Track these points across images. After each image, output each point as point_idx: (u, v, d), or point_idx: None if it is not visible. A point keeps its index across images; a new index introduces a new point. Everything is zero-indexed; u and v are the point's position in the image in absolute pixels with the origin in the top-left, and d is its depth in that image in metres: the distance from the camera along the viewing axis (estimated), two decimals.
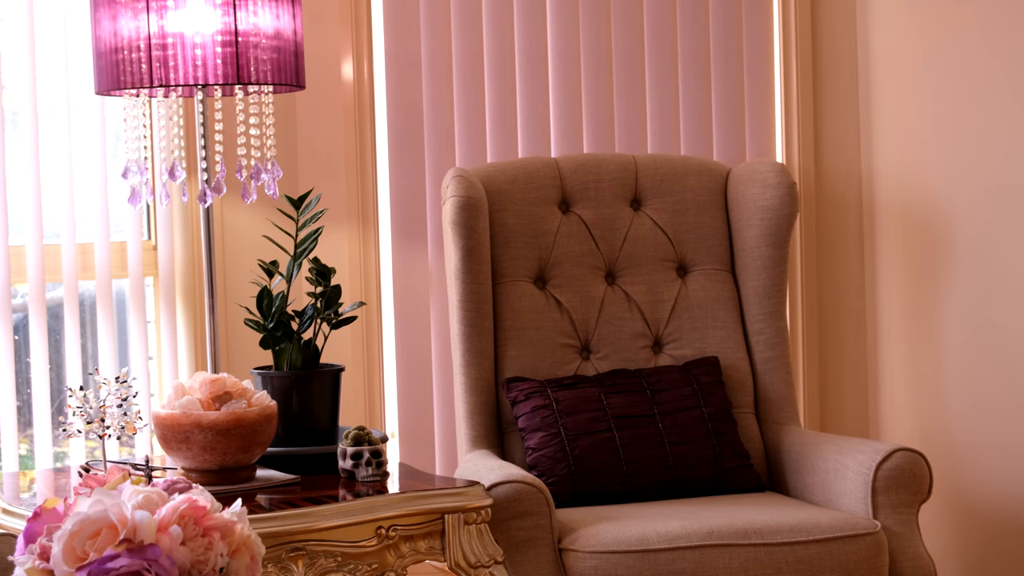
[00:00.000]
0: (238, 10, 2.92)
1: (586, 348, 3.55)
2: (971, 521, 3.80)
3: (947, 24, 3.80)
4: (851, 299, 4.09)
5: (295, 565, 2.58)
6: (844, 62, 4.07)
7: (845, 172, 4.08)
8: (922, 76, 3.89)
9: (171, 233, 3.46)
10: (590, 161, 3.63)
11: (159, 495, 1.71)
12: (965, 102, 3.76)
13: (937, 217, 3.85)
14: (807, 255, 4.08)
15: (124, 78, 2.92)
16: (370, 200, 3.65)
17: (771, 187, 3.56)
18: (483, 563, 2.73)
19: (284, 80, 3.00)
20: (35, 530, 1.70)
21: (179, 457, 2.74)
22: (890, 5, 3.97)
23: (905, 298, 3.97)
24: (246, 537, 1.75)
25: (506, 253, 3.51)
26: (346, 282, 3.58)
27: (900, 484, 3.13)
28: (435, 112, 3.71)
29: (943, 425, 3.87)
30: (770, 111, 4.07)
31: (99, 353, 3.38)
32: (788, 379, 3.59)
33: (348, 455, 2.86)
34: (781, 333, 3.60)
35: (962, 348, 3.81)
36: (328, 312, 3.04)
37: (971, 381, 3.80)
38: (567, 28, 3.83)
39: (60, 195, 3.30)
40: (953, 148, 3.80)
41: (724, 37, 3.99)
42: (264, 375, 3.03)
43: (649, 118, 3.92)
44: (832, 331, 4.11)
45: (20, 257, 3.29)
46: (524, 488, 2.94)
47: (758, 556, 2.98)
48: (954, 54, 3.79)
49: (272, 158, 3.08)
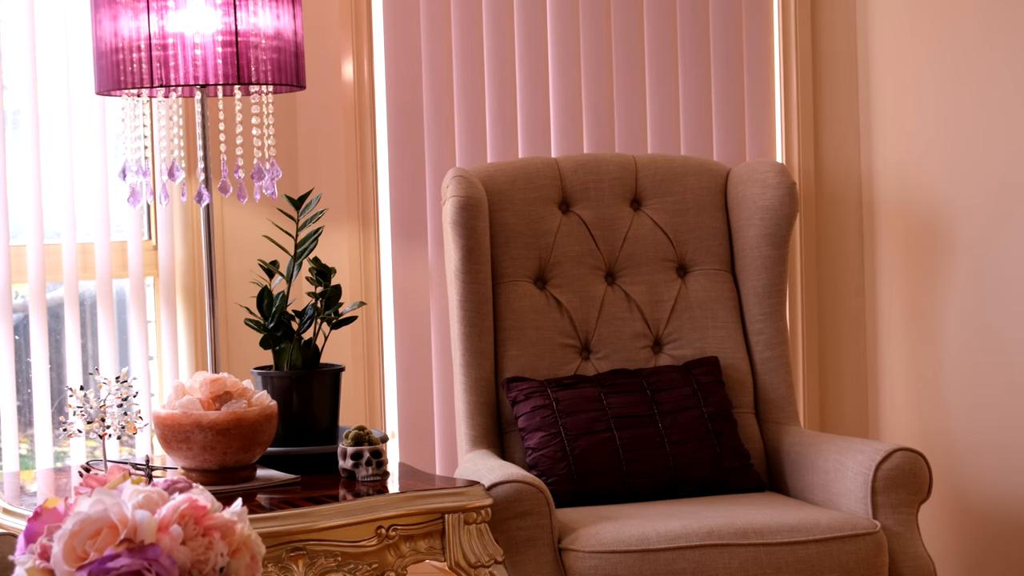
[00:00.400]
0: (238, 10, 2.92)
1: (586, 348, 3.55)
2: (971, 521, 3.80)
3: (947, 24, 3.80)
4: (851, 299, 4.09)
5: (295, 565, 2.58)
6: (844, 62, 4.08)
7: (845, 172, 4.08)
8: (922, 76, 3.89)
9: (171, 233, 3.46)
10: (590, 161, 3.63)
11: (159, 495, 1.71)
12: (965, 102, 3.76)
13: (937, 217, 3.85)
14: (807, 255, 4.08)
15: (124, 78, 2.93)
16: (370, 200, 3.65)
17: (771, 187, 3.56)
18: (483, 563, 2.73)
19: (284, 80, 3.00)
20: (35, 530, 1.70)
21: (179, 457, 2.75)
22: (890, 5, 3.97)
23: (905, 298, 3.97)
24: (246, 537, 1.75)
25: (506, 253, 3.51)
26: (346, 282, 3.58)
27: (900, 484, 3.13)
28: (435, 112, 3.71)
29: (943, 425, 3.87)
30: (770, 111, 4.07)
31: (99, 353, 3.38)
32: (788, 379, 3.59)
33: (348, 455, 2.86)
34: (781, 333, 3.60)
35: (962, 348, 3.81)
36: (328, 312, 3.04)
37: (971, 381, 3.80)
38: (567, 28, 3.83)
39: (60, 195, 3.31)
40: (953, 148, 3.80)
41: (724, 37, 4.00)
42: (264, 375, 3.03)
43: (649, 118, 3.92)
44: (832, 331, 4.11)
45: (20, 257, 3.29)
46: (524, 488, 2.94)
47: (758, 556, 2.98)
48: (954, 54, 3.79)
49: (272, 158, 3.08)
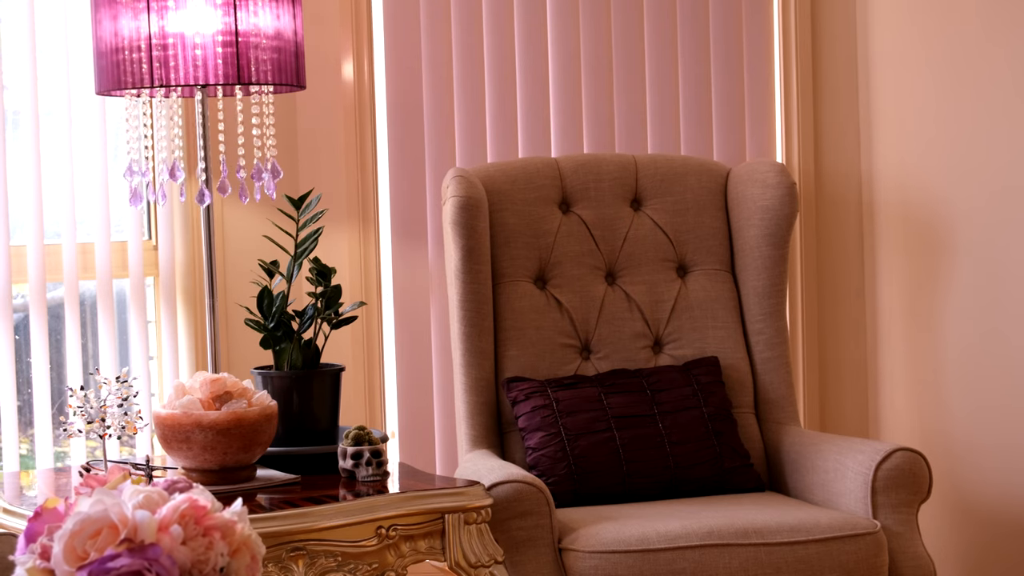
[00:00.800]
0: (238, 10, 2.92)
1: (586, 348, 3.55)
2: (971, 521, 3.80)
3: (948, 24, 3.80)
4: (851, 299, 4.09)
5: (295, 565, 2.59)
6: (844, 62, 4.08)
7: (845, 172, 4.08)
8: (923, 76, 3.89)
9: (172, 233, 3.46)
10: (590, 161, 3.63)
11: (160, 495, 1.71)
12: (966, 102, 3.76)
13: (937, 218, 3.85)
14: (807, 255, 4.09)
15: (125, 78, 2.93)
16: (370, 200, 3.65)
17: (771, 187, 3.56)
18: (483, 563, 2.73)
19: (284, 80, 3.00)
20: (36, 530, 1.70)
21: (179, 457, 2.75)
22: (890, 5, 3.97)
23: (905, 298, 3.97)
24: (246, 537, 1.75)
25: (506, 253, 3.51)
26: (346, 282, 3.59)
27: (900, 484, 3.13)
28: (435, 112, 3.71)
29: (943, 425, 3.87)
30: (770, 111, 4.07)
31: (100, 353, 3.38)
32: (788, 379, 3.59)
33: (348, 455, 2.86)
34: (781, 333, 3.60)
35: (962, 348, 3.81)
36: (328, 312, 3.04)
37: (971, 382, 3.80)
38: (567, 28, 3.83)
39: (61, 195, 3.31)
40: (954, 149, 3.80)
41: (724, 37, 4.00)
42: (264, 375, 3.03)
43: (649, 118, 3.92)
44: (832, 331, 4.11)
45: (21, 257, 3.29)
46: (524, 488, 2.94)
47: (758, 556, 2.98)
48: (955, 54, 3.79)
49: (272, 158, 3.08)
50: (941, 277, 3.86)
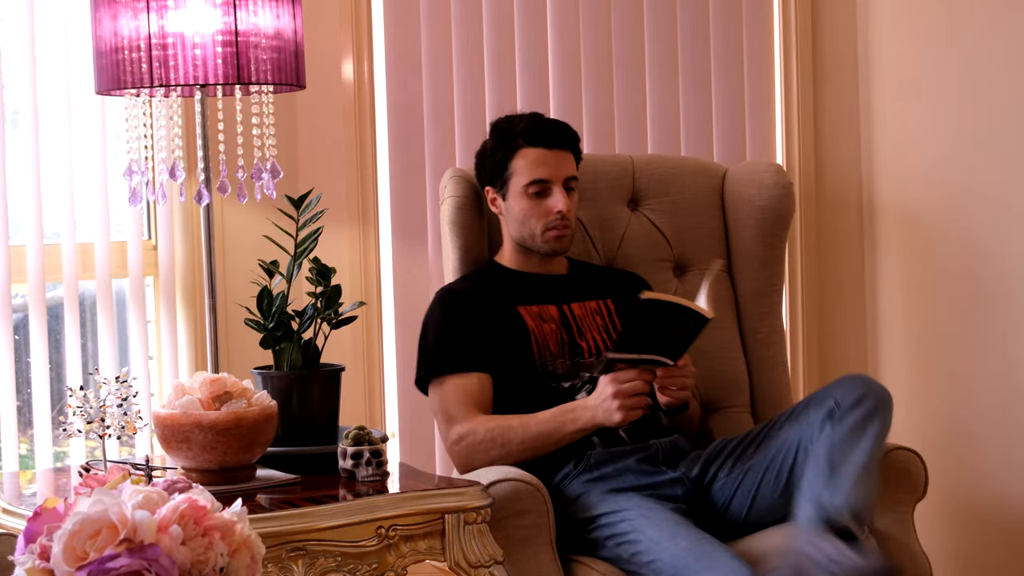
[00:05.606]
0: (238, 10, 2.92)
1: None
2: (967, 520, 3.80)
3: (948, 24, 3.81)
4: (851, 299, 4.09)
5: (295, 565, 2.59)
6: (844, 62, 4.08)
7: (845, 172, 4.09)
8: (922, 76, 3.89)
9: (171, 233, 3.46)
10: (588, 161, 3.63)
11: (159, 495, 1.71)
12: (966, 102, 3.76)
13: (938, 218, 3.85)
14: (807, 255, 4.09)
15: (124, 78, 2.93)
16: (370, 200, 3.65)
17: (767, 187, 3.56)
18: (483, 563, 2.73)
19: (284, 80, 3.00)
20: (35, 530, 1.70)
21: (179, 457, 2.75)
22: (890, 5, 3.97)
23: (905, 298, 3.97)
24: (246, 537, 1.75)
25: None
26: (346, 282, 3.58)
27: (895, 483, 3.13)
28: (435, 112, 3.71)
29: (941, 425, 3.87)
30: (770, 111, 4.07)
31: (99, 353, 3.38)
32: (784, 378, 3.59)
33: (348, 455, 2.86)
34: (777, 332, 3.60)
35: (960, 348, 3.81)
36: (328, 312, 3.04)
37: (969, 381, 3.80)
38: (567, 28, 3.83)
39: (60, 195, 3.31)
40: (954, 149, 3.80)
41: (724, 37, 4.00)
42: (264, 375, 3.03)
43: (649, 118, 3.93)
44: (832, 331, 4.11)
45: (20, 257, 3.29)
46: (522, 486, 2.94)
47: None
48: (955, 53, 3.79)
49: (272, 158, 3.08)
50: (941, 276, 3.86)
